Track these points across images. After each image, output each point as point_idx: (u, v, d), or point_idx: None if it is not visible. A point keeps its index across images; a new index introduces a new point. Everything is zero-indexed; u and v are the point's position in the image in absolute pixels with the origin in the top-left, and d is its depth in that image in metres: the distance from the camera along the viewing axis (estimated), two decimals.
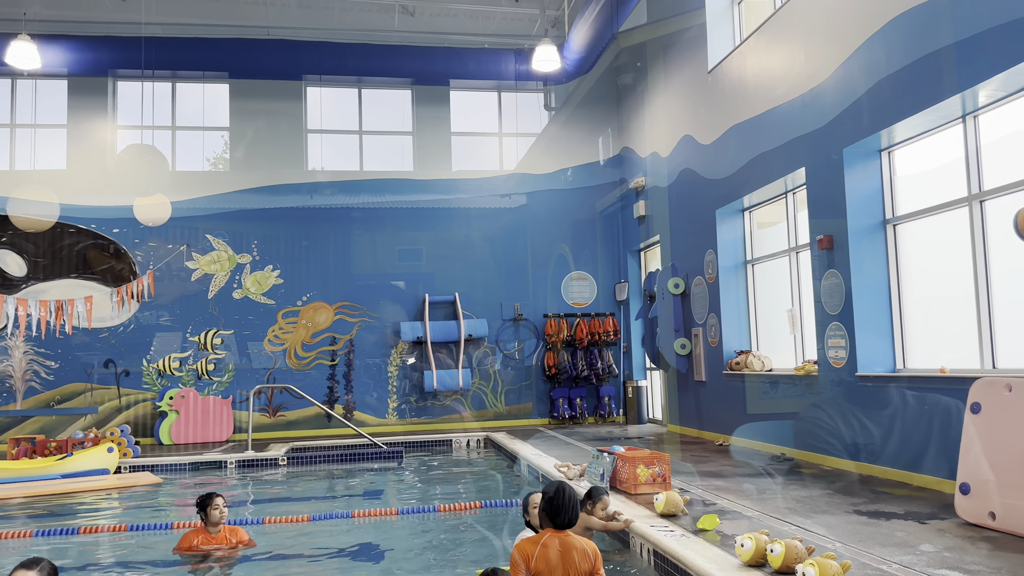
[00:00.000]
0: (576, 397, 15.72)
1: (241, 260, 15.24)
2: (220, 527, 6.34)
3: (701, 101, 12.45)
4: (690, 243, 12.84)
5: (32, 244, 14.64)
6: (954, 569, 4.53)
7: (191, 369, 14.85)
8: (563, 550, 4.48)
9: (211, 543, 6.26)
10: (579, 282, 16.37)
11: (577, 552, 4.51)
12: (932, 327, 8.11)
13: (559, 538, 4.53)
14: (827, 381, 8.95)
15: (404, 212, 15.86)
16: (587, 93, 16.71)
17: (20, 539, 6.96)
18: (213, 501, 6.31)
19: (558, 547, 4.48)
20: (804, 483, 7.71)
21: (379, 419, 15.33)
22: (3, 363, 14.26)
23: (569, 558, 4.45)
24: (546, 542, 4.50)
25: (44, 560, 3.46)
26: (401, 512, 7.66)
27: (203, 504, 6.32)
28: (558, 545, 4.49)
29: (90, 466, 10.48)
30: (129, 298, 13.23)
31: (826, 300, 8.94)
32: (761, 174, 10.52)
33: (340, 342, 15.40)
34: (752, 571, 4.50)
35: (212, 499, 6.32)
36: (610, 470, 7.55)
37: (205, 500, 6.33)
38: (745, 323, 11.73)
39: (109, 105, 15.32)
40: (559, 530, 4.58)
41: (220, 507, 6.31)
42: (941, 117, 7.55)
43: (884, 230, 8.55)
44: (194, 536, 6.29)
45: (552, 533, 4.57)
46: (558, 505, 4.58)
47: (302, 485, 10.28)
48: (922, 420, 7.42)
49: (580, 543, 4.56)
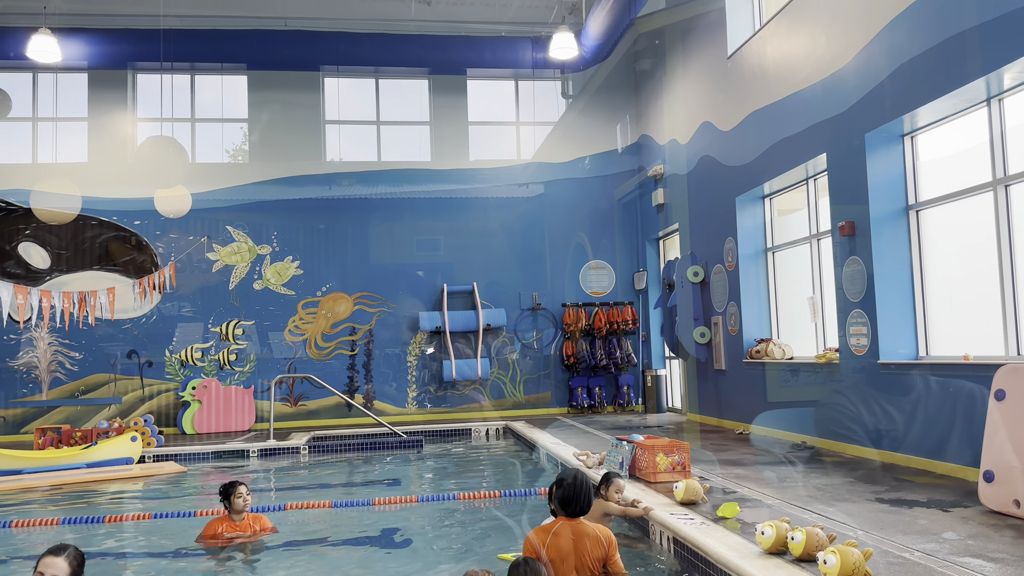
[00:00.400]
0: (595, 386, 15.71)
1: (261, 251, 15.34)
2: (244, 515, 6.38)
3: (720, 87, 12.34)
4: (709, 231, 12.76)
5: (55, 236, 14.82)
6: (978, 557, 4.48)
7: (213, 359, 14.99)
8: (575, 538, 4.49)
9: (235, 531, 6.30)
10: (597, 271, 16.32)
11: (590, 539, 4.51)
12: (956, 314, 8.01)
13: (571, 526, 4.54)
14: (848, 369, 8.88)
15: (422, 202, 15.87)
16: (605, 80, 16.61)
17: (47, 527, 7.07)
18: (236, 489, 6.34)
19: (570, 535, 4.49)
20: (825, 471, 7.66)
21: (399, 408, 15.41)
22: (29, 354, 14.47)
23: (581, 546, 4.47)
24: (558, 530, 4.52)
25: (71, 547, 3.51)
26: (421, 499, 7.70)
27: (226, 492, 6.35)
28: (570, 533, 4.50)
29: (114, 455, 10.61)
30: (151, 289, 13.34)
31: (848, 287, 8.85)
32: (781, 160, 10.42)
33: (359, 332, 15.47)
34: (772, 559, 4.48)
35: (235, 487, 6.35)
36: (629, 458, 7.54)
37: (228, 488, 6.36)
38: (765, 311, 11.65)
39: (129, 98, 15.44)
40: (571, 518, 4.59)
41: (243, 495, 6.34)
42: (965, 101, 7.43)
43: (907, 216, 8.45)
44: (218, 524, 6.33)
45: (564, 521, 4.58)
46: (570, 494, 4.58)
47: (323, 473, 10.36)
48: (945, 407, 7.35)
49: (593, 530, 4.56)
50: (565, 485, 4.63)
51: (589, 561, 4.44)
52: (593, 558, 4.50)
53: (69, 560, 3.42)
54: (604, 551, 4.55)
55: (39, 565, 3.38)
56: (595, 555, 4.52)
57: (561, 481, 4.66)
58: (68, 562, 3.40)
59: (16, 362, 14.43)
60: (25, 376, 14.45)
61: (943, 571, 4.21)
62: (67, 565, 3.39)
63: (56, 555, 3.42)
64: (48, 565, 3.37)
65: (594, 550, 4.52)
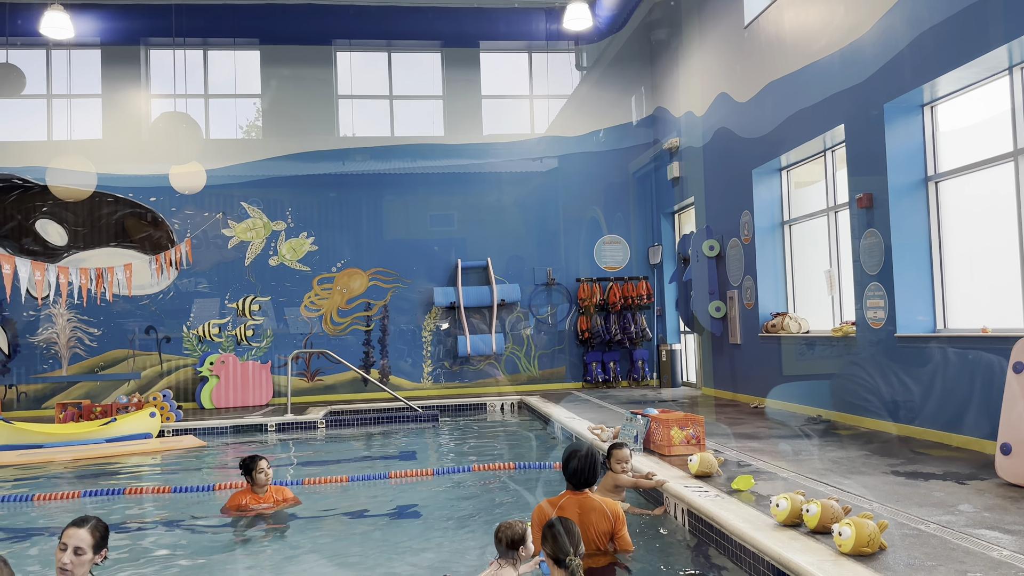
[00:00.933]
0: (609, 361, 15.71)
1: (276, 227, 15.38)
2: (266, 488, 6.45)
3: (737, 57, 12.18)
4: (725, 204, 12.66)
5: (72, 213, 14.92)
6: (993, 529, 4.47)
7: (230, 335, 15.11)
8: (581, 511, 4.51)
9: (259, 502, 6.37)
10: (612, 246, 16.26)
11: (596, 513, 4.52)
12: (974, 286, 7.93)
13: (578, 500, 4.56)
14: (865, 342, 8.82)
15: (435, 177, 15.83)
16: (619, 51, 16.42)
17: (69, 500, 7.18)
18: (258, 464, 6.38)
19: (576, 508, 4.51)
20: (841, 444, 7.65)
21: (414, 383, 15.49)
22: (48, 330, 14.64)
23: (587, 519, 4.48)
24: (564, 504, 4.54)
25: (94, 518, 3.56)
26: (437, 472, 7.76)
27: (248, 468, 6.41)
28: (576, 507, 4.52)
29: (133, 430, 10.75)
30: (168, 266, 13.44)
31: (865, 260, 8.77)
32: (799, 132, 10.29)
33: (375, 308, 15.53)
34: (787, 531, 4.48)
35: (256, 463, 6.39)
36: (644, 432, 7.55)
37: (249, 463, 6.41)
38: (781, 285, 11.58)
39: (142, 74, 15.43)
40: (577, 491, 4.60)
41: (264, 470, 6.40)
42: (986, 69, 7.29)
43: (925, 187, 8.34)
44: (242, 497, 6.40)
45: (571, 495, 4.60)
46: (574, 467, 4.60)
47: (340, 447, 10.45)
48: (962, 380, 7.29)
49: (600, 504, 4.57)
50: (579, 457, 4.65)
51: (595, 535, 4.46)
52: (599, 532, 4.52)
53: (92, 531, 3.47)
54: (610, 525, 4.56)
55: (63, 536, 3.44)
56: (601, 529, 4.53)
57: (574, 453, 4.68)
58: (91, 533, 3.45)
59: (36, 338, 14.60)
60: (45, 352, 14.63)
61: (959, 543, 4.20)
62: (90, 536, 3.44)
63: (79, 526, 3.47)
64: (71, 536, 3.42)
65: (600, 523, 4.54)
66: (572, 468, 4.64)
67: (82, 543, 3.40)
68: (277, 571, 4.99)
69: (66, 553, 3.37)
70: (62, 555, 3.38)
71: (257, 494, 6.40)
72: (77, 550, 3.38)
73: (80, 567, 3.39)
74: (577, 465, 4.63)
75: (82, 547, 3.40)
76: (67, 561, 3.36)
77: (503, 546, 3.98)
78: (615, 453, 5.85)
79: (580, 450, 4.69)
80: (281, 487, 6.68)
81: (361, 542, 5.61)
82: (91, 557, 3.43)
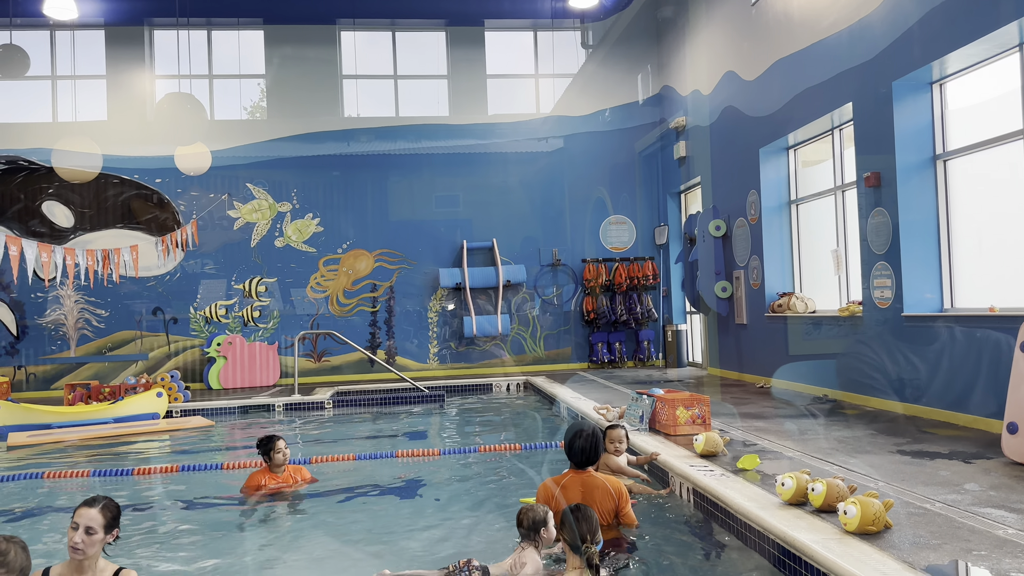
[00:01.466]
0: (615, 341, 15.73)
1: (281, 208, 15.37)
2: (284, 467, 6.45)
3: (744, 35, 12.07)
4: (732, 184, 12.59)
5: (78, 195, 14.93)
6: (1000, 508, 4.47)
7: (237, 316, 15.15)
8: (584, 490, 4.54)
9: (277, 482, 6.37)
10: (618, 226, 16.22)
11: (599, 491, 4.56)
12: (982, 266, 7.89)
13: (581, 478, 4.58)
14: (872, 322, 8.80)
15: (440, 158, 15.78)
16: (626, 29, 16.27)
17: (79, 479, 7.24)
18: (275, 444, 6.36)
19: (580, 487, 4.54)
20: (847, 424, 7.65)
21: (420, 364, 15.53)
22: (56, 312, 14.70)
23: (591, 497, 4.51)
24: (567, 483, 4.57)
25: (106, 498, 3.59)
26: (443, 452, 7.79)
27: (265, 447, 6.37)
28: (580, 485, 4.55)
29: (140, 411, 10.83)
30: (174, 247, 13.46)
31: (872, 239, 8.73)
32: (806, 110, 10.21)
33: (380, 289, 15.54)
34: (792, 509, 4.49)
35: (274, 443, 6.37)
36: (649, 412, 7.56)
37: (267, 444, 6.38)
38: (788, 265, 11.54)
39: (146, 55, 15.38)
40: (580, 469, 4.62)
41: (282, 450, 6.38)
42: (997, 46, 7.22)
43: (934, 166, 8.28)
44: (260, 476, 6.38)
45: (574, 473, 4.63)
46: (579, 446, 4.63)
47: (347, 427, 10.51)
48: (969, 360, 7.28)
49: (603, 482, 4.61)
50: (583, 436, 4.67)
51: (600, 513, 4.49)
52: (604, 510, 4.55)
53: (103, 511, 3.50)
54: (614, 503, 4.60)
55: (75, 516, 3.47)
56: (606, 507, 4.57)
57: (578, 433, 4.70)
58: (102, 513, 3.48)
59: (44, 320, 14.67)
60: (53, 333, 14.70)
61: (964, 521, 4.21)
62: (101, 516, 3.47)
63: (91, 506, 3.50)
64: (83, 516, 3.45)
65: (604, 502, 4.57)
66: (575, 447, 4.67)
67: (93, 523, 3.43)
68: (286, 549, 5.04)
69: (78, 532, 3.41)
70: (74, 534, 3.41)
71: (275, 474, 6.40)
72: (88, 529, 3.41)
73: (92, 546, 3.42)
74: (580, 444, 4.66)
75: (93, 527, 3.43)
76: (79, 540, 3.39)
77: (524, 529, 4.00)
78: (610, 433, 5.90)
79: (584, 430, 4.72)
80: (299, 466, 6.68)
81: (365, 521, 5.65)
82: (103, 537, 3.46)
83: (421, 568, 4.22)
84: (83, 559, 3.42)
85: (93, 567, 3.47)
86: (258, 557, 4.90)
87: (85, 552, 3.40)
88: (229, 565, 4.75)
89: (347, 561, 4.76)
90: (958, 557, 3.67)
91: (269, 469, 6.41)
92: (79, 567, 3.43)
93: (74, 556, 3.42)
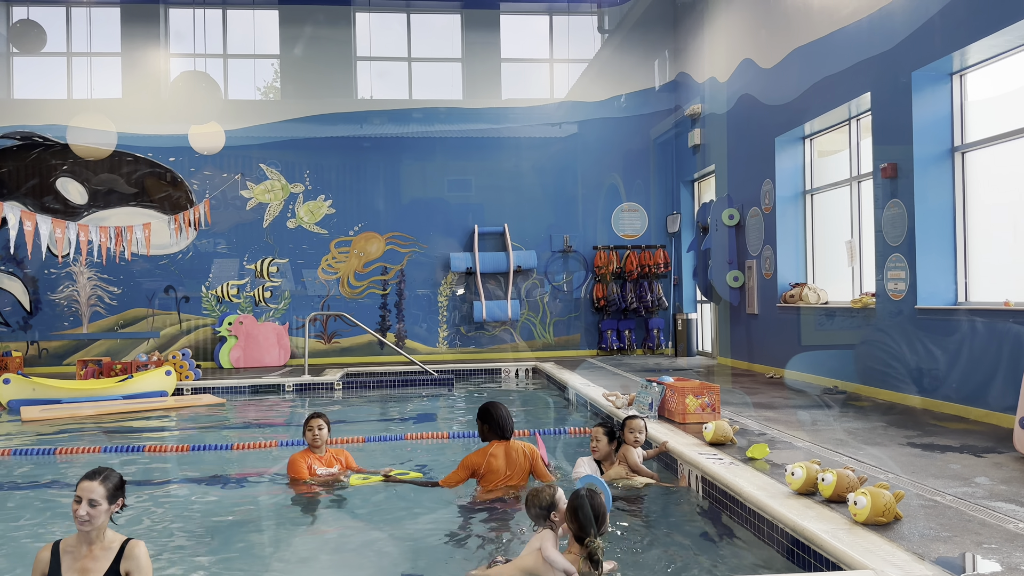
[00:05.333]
0: (625, 329, 15.71)
1: (294, 190, 15.39)
2: (324, 448, 6.04)
3: (763, 22, 11.95)
4: (747, 172, 12.51)
5: (92, 172, 14.98)
6: (1010, 502, 4.45)
7: (248, 296, 15.21)
8: (508, 453, 5.51)
9: (323, 465, 5.95)
10: (630, 213, 16.16)
11: (519, 453, 5.53)
12: (999, 259, 7.82)
13: (504, 446, 5.54)
14: (885, 314, 8.75)
15: (453, 142, 15.73)
16: (643, 14, 16.14)
17: (91, 454, 7.30)
18: (308, 423, 6.01)
19: (503, 452, 5.51)
20: (857, 415, 7.63)
21: (430, 348, 15.56)
22: (69, 288, 14.80)
23: (514, 459, 5.50)
24: (493, 450, 5.51)
25: (107, 469, 3.61)
26: (452, 436, 7.81)
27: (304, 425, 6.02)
28: (503, 450, 5.52)
29: (149, 388, 10.91)
30: (187, 226, 13.50)
31: (887, 231, 8.66)
32: (824, 99, 10.12)
33: (391, 272, 15.56)
34: (802, 499, 4.48)
35: (308, 421, 6.03)
36: (659, 400, 7.55)
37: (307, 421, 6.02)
38: (801, 255, 11.48)
39: (161, 33, 15.37)
40: (504, 440, 5.55)
41: (314, 428, 5.97)
42: (1019, 37, 7.12)
43: (951, 158, 8.19)
44: (302, 460, 5.94)
45: (497, 443, 5.53)
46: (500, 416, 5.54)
47: (357, 409, 10.55)
48: (983, 354, 7.23)
49: (520, 445, 5.59)
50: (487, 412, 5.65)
51: (521, 471, 5.51)
52: (523, 469, 5.51)
53: (104, 482, 3.52)
54: (529, 462, 5.53)
55: (77, 490, 3.49)
56: (524, 467, 5.52)
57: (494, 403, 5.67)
58: (103, 484, 3.50)
59: (57, 296, 14.77)
60: (66, 309, 14.80)
61: (975, 515, 4.19)
62: (103, 487, 3.49)
63: (92, 479, 3.52)
64: (85, 489, 3.47)
65: (523, 463, 5.51)
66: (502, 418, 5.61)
67: (95, 495, 3.46)
68: (293, 531, 5.06)
69: (81, 505, 3.44)
70: (78, 507, 3.44)
71: (318, 455, 5.99)
72: (92, 502, 3.44)
73: (97, 518, 3.45)
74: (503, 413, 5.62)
75: (96, 499, 3.45)
76: (83, 513, 3.42)
77: (534, 512, 3.97)
78: (629, 423, 5.86)
79: (496, 407, 5.63)
80: (340, 449, 6.27)
81: (373, 502, 5.66)
82: (107, 507, 3.49)
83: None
84: (90, 530, 3.45)
85: (101, 538, 3.50)
86: (266, 547, 4.91)
87: (92, 523, 3.43)
88: (241, 553, 4.77)
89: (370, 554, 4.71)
90: (968, 550, 3.65)
91: (311, 450, 6.02)
92: (87, 539, 3.47)
93: (81, 528, 3.45)
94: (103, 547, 3.49)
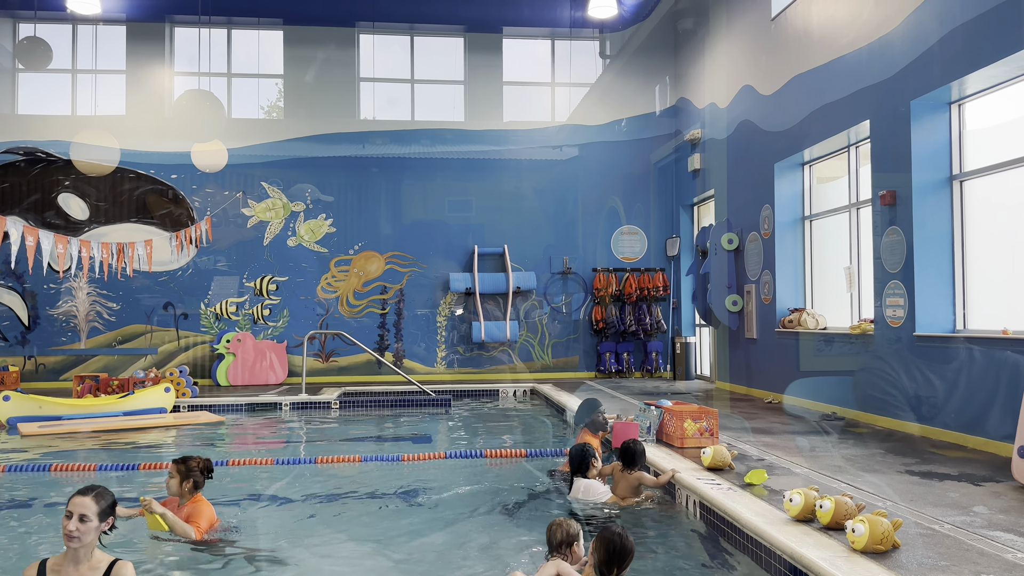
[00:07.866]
0: (623, 352, 15.70)
1: (295, 208, 15.43)
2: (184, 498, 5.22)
3: (763, 49, 12.07)
4: (746, 197, 12.58)
5: (94, 188, 15.03)
6: (1009, 531, 4.44)
7: (247, 314, 15.21)
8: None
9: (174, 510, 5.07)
10: (629, 236, 16.21)
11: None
12: (997, 287, 7.85)
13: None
14: (884, 340, 8.76)
15: (454, 163, 15.82)
16: (644, 40, 16.29)
17: (86, 472, 7.27)
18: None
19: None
20: (856, 442, 7.61)
21: (428, 368, 15.54)
22: (68, 303, 14.79)
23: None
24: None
25: (100, 487, 3.61)
26: (449, 456, 7.79)
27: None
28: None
29: (148, 405, 10.88)
30: (188, 243, 13.52)
31: (886, 258, 8.70)
32: (823, 127, 10.20)
33: (391, 291, 15.57)
34: (800, 526, 4.47)
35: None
36: (657, 423, 7.55)
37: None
38: (800, 280, 11.51)
39: (166, 51, 15.49)
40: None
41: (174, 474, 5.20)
42: (1017, 68, 7.20)
43: (950, 186, 8.25)
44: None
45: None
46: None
47: (354, 428, 10.51)
48: (980, 382, 7.24)
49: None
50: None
51: None
52: None
53: (97, 499, 3.52)
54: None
55: (69, 504, 3.49)
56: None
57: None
58: (96, 500, 3.51)
59: (56, 311, 14.76)
60: (64, 325, 14.78)
61: (973, 544, 4.18)
62: (95, 503, 3.49)
63: (84, 495, 3.52)
64: (76, 504, 3.47)
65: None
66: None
67: (87, 510, 3.46)
68: (295, 540, 5.04)
69: (71, 520, 3.43)
70: (68, 522, 3.44)
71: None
72: (83, 517, 3.44)
73: (86, 534, 3.44)
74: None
75: (87, 514, 3.45)
76: (73, 528, 3.41)
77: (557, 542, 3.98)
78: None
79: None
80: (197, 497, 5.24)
81: (371, 524, 5.65)
82: (97, 525, 3.48)
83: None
84: (78, 547, 3.43)
85: (88, 557, 3.48)
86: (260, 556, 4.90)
87: (80, 540, 3.42)
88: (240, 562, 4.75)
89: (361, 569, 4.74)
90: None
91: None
92: (75, 557, 3.45)
93: (69, 545, 3.43)
94: (90, 567, 3.47)
